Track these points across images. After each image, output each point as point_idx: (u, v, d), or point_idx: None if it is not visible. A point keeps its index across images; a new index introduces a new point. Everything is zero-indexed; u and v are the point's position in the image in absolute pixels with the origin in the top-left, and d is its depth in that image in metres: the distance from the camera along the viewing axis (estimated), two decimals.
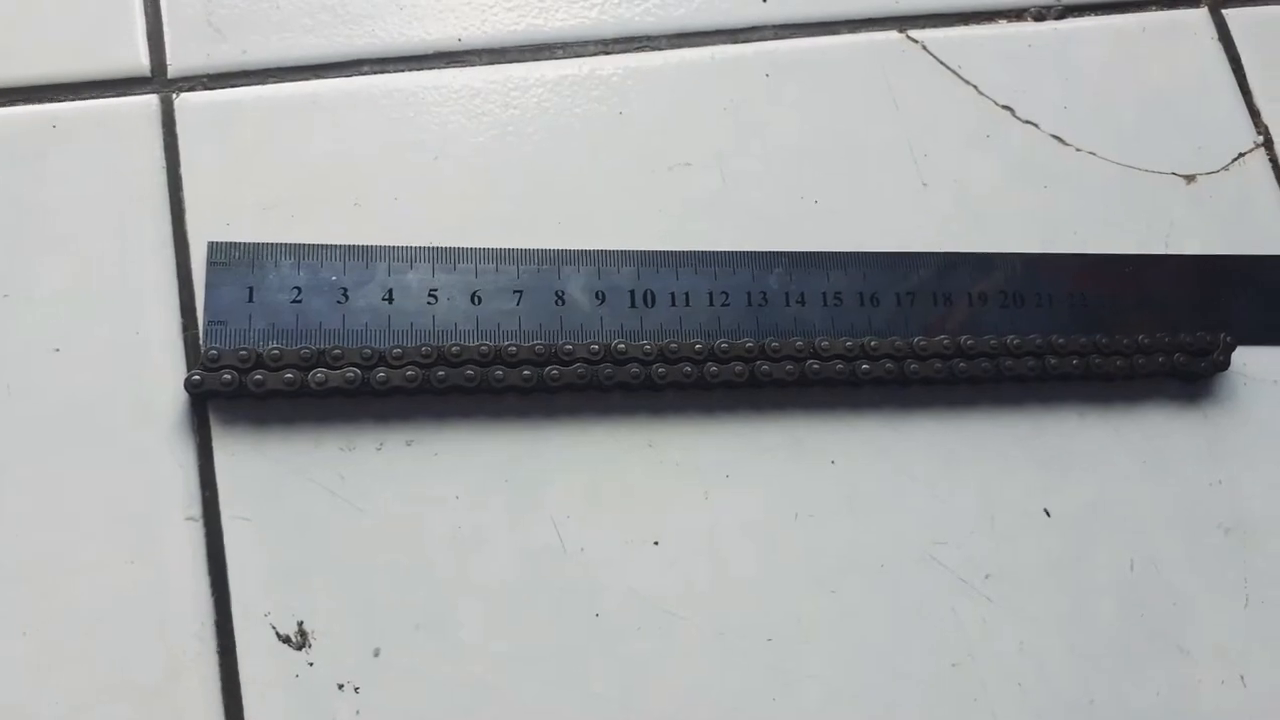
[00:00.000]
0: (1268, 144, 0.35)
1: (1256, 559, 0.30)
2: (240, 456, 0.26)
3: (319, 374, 0.26)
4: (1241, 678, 0.29)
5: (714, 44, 0.32)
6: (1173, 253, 0.33)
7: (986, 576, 0.29)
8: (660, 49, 0.32)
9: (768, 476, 0.28)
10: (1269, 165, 0.35)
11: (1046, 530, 0.30)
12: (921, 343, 0.29)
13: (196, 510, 0.25)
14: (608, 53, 0.32)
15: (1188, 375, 0.31)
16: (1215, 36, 0.36)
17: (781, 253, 0.30)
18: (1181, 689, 0.29)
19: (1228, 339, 0.31)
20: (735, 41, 0.32)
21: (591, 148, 0.31)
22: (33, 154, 0.27)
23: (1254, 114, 0.35)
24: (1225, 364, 0.31)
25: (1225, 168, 0.34)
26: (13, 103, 0.27)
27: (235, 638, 0.25)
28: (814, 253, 0.30)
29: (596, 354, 0.27)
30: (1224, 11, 0.36)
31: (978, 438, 0.30)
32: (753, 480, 0.28)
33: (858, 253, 0.31)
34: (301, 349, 0.26)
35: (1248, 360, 0.32)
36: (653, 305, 0.29)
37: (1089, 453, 0.31)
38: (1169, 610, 0.29)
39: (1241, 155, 0.35)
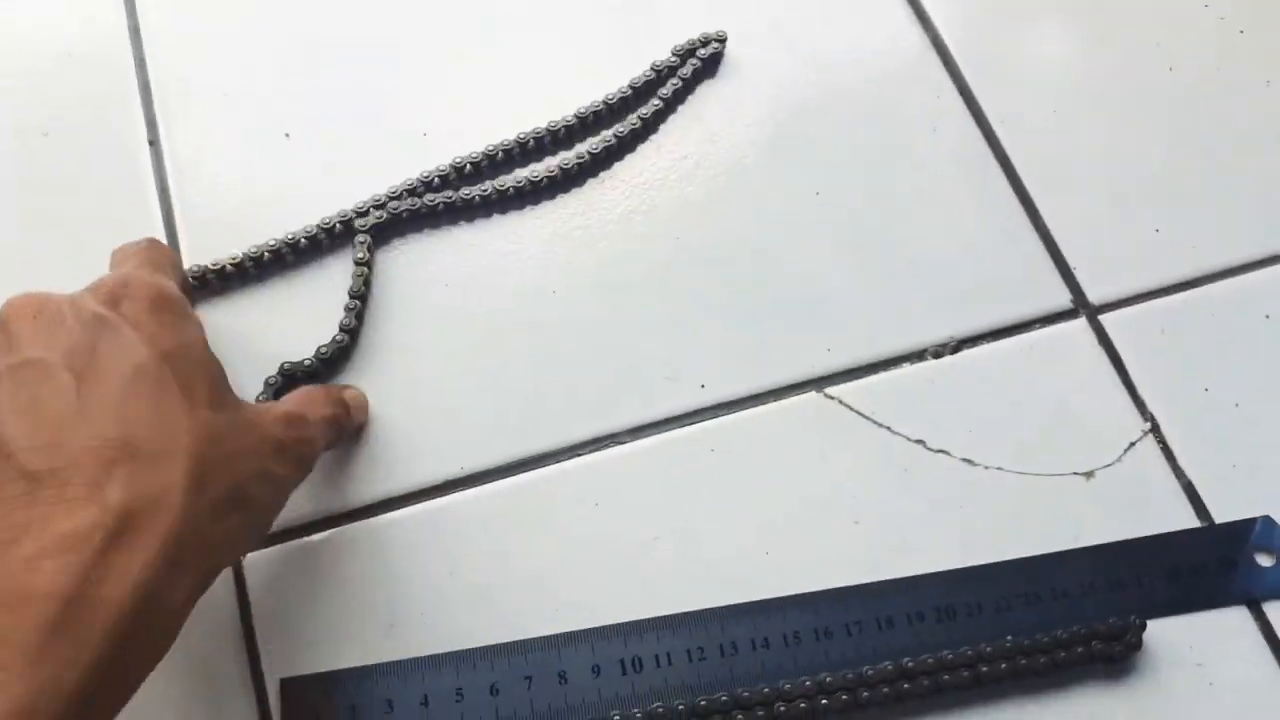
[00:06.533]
0: (1155, 429, 0.41)
1: None
2: None
3: None
4: None
5: (665, 431, 0.40)
6: (1081, 545, 0.38)
7: None
8: (622, 443, 0.39)
9: None
10: (1158, 448, 0.41)
11: None
12: (869, 671, 0.35)
13: None
14: (579, 455, 0.39)
15: (1107, 659, 0.36)
16: (1096, 341, 0.42)
17: (744, 603, 0.36)
18: None
19: (1137, 621, 0.36)
20: (681, 425, 0.40)
21: (575, 539, 0.37)
22: None
23: (1139, 404, 0.41)
24: (1138, 644, 0.36)
25: (1119, 459, 0.40)
26: None
27: None
28: (771, 599, 0.37)
29: None
30: (1100, 317, 0.43)
31: None
32: None
33: (808, 593, 0.37)
34: None
35: (1162, 632, 0.37)
36: (640, 670, 0.35)
37: None
38: None
39: (1133, 444, 0.41)
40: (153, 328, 0.28)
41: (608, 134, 0.45)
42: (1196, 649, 0.37)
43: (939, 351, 0.42)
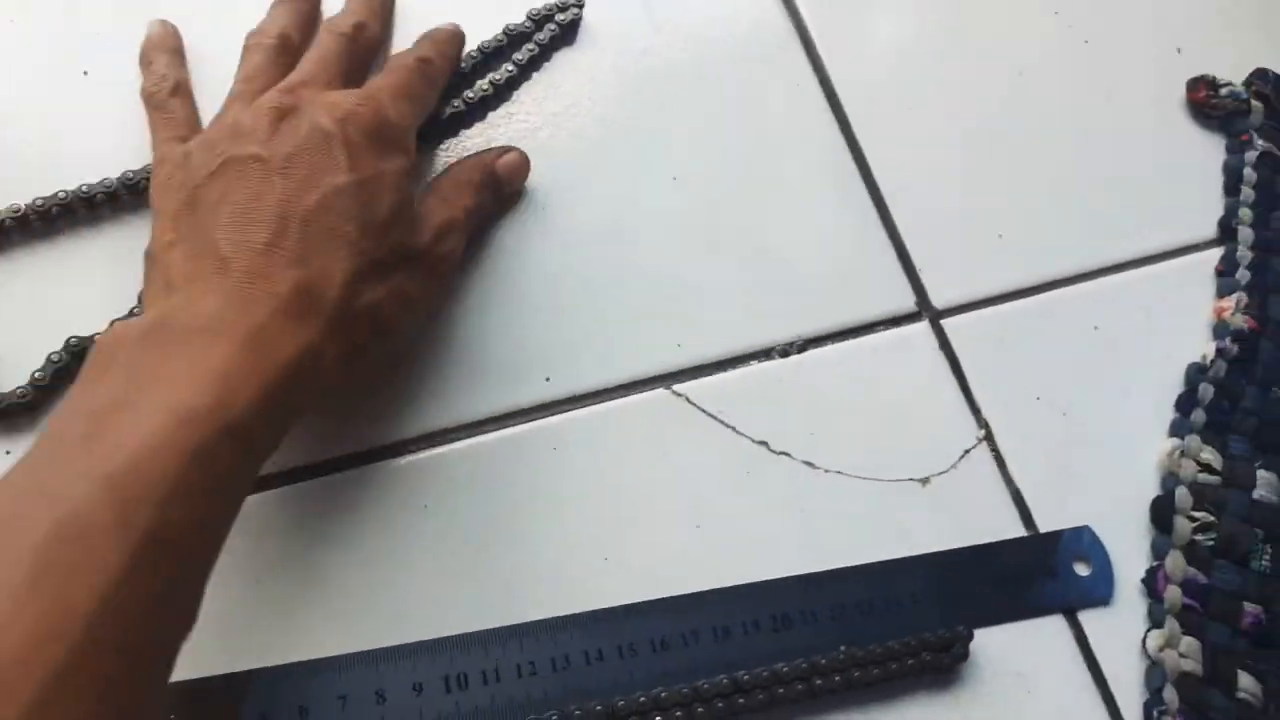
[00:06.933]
0: (989, 437, 0.41)
1: None
2: None
3: None
4: None
5: (504, 427, 0.37)
6: (914, 553, 0.39)
7: None
8: (456, 440, 0.37)
9: None
10: (991, 455, 0.41)
11: None
12: (705, 685, 0.34)
13: None
14: (408, 453, 0.36)
15: (935, 670, 0.37)
16: (937, 346, 0.43)
17: (578, 614, 0.35)
18: None
19: (964, 631, 0.37)
20: (522, 421, 0.38)
21: (399, 545, 0.35)
22: None
23: (975, 410, 0.42)
24: (965, 654, 0.37)
25: (954, 465, 0.41)
26: None
27: None
28: (607, 609, 0.35)
29: None
30: (942, 321, 0.43)
31: None
32: None
33: (643, 602, 0.35)
34: None
35: (987, 642, 0.38)
36: (466, 687, 0.33)
37: None
38: None
39: (967, 451, 0.41)
40: (361, 153, 0.33)
41: (454, 100, 0.42)
42: (1018, 658, 0.38)
43: (785, 350, 0.41)
